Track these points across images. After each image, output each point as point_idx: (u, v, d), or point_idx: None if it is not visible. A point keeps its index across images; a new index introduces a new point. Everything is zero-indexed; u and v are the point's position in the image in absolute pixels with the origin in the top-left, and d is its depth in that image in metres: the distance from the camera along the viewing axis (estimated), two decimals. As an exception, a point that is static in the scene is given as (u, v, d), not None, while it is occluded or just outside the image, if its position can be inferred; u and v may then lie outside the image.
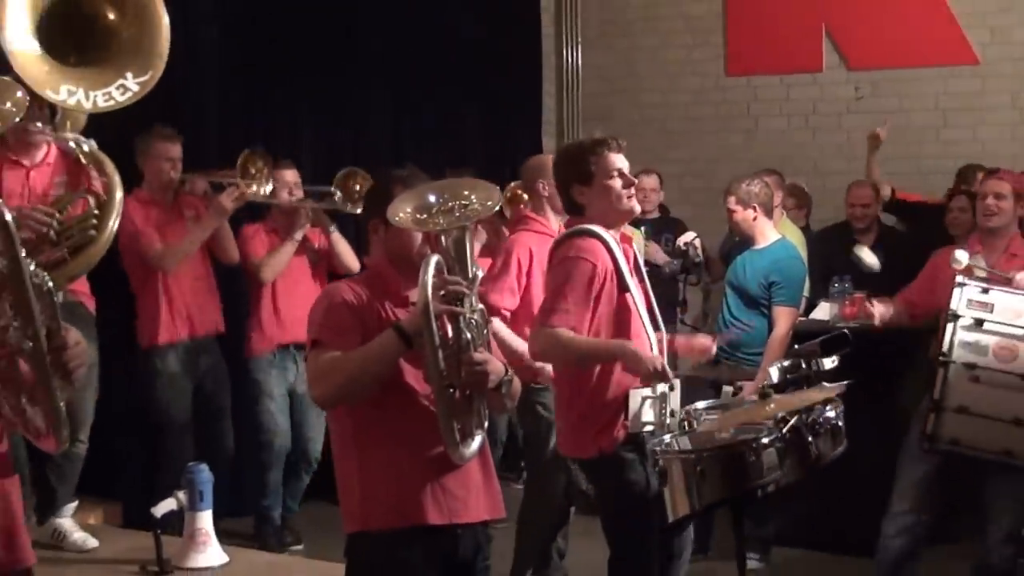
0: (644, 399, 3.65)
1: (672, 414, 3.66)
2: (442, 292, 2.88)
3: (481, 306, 3.00)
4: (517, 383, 3.08)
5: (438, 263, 2.88)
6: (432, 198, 2.99)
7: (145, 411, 5.67)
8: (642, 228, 6.46)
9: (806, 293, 5.73)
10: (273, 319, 5.84)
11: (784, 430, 3.33)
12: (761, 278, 5.23)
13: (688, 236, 5.66)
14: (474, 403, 2.99)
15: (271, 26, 6.75)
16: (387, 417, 3.02)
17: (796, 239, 5.92)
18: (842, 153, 7.44)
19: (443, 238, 2.97)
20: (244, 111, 6.69)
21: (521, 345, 4.10)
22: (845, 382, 3.56)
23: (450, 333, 2.91)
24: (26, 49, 4.26)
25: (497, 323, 4.10)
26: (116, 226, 4.42)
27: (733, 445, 3.43)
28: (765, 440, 3.31)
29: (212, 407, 5.72)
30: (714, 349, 4.31)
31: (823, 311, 5.72)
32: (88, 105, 4.24)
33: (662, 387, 3.64)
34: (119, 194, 4.40)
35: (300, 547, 5.95)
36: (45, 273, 2.44)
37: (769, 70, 8.28)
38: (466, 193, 3.07)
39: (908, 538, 4.40)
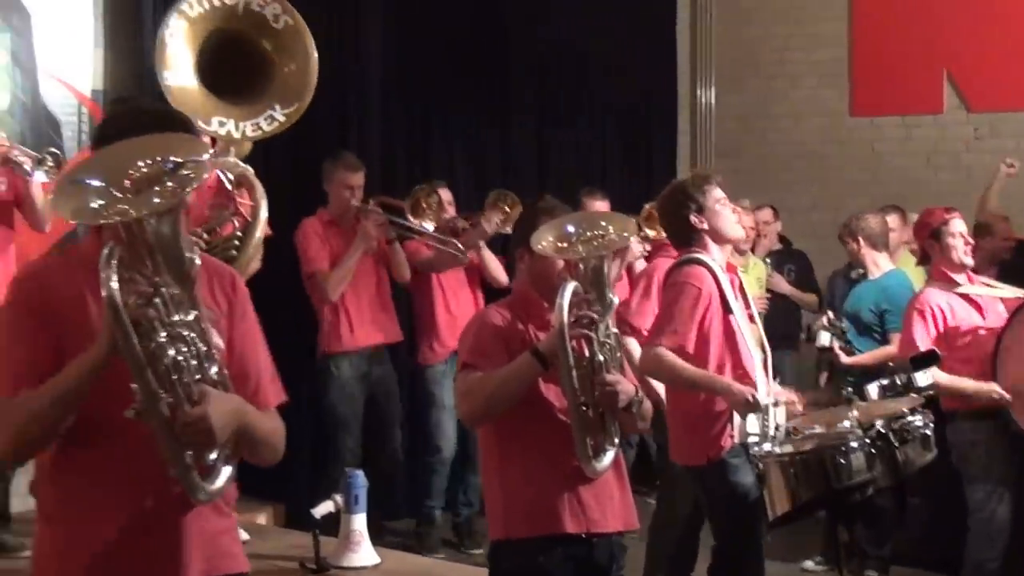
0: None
1: (776, 427, 3.78)
2: (577, 317, 3.02)
3: (615, 330, 3.16)
4: (648, 404, 3.19)
5: (575, 289, 3.02)
6: (572, 228, 3.12)
7: (318, 415, 5.95)
8: (766, 260, 6.76)
9: None
10: (448, 330, 6.07)
11: (871, 435, 3.58)
12: (872, 306, 5.56)
13: (823, 320, 5.70)
14: (606, 421, 3.11)
15: (429, 63, 7.21)
16: (527, 431, 3.17)
17: (915, 273, 6.05)
18: (961, 191, 7.52)
19: (582, 266, 3.08)
20: (405, 139, 7.15)
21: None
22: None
23: (584, 355, 3.04)
24: (184, 84, 4.58)
25: (634, 343, 4.29)
26: (257, 247, 4.56)
27: (822, 449, 3.63)
28: (853, 444, 3.55)
29: (382, 415, 5.97)
30: (799, 407, 4.32)
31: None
32: (237, 135, 4.49)
33: (766, 401, 3.78)
34: (263, 217, 4.54)
35: (480, 551, 5.90)
36: None
37: (891, 111, 8.46)
38: (603, 224, 3.20)
39: None
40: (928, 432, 3.67)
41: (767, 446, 3.68)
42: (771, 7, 9.04)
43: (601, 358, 3.04)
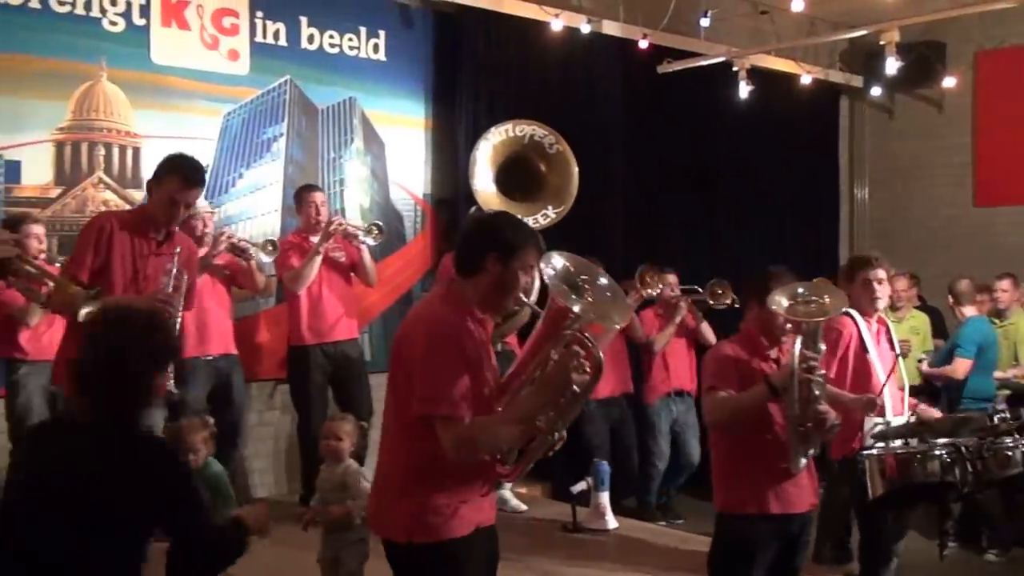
0: (876, 424, 4.19)
1: (890, 434, 4.11)
2: (803, 362, 3.40)
3: (823, 371, 3.51)
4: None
5: (803, 341, 3.43)
6: (801, 291, 3.52)
7: (576, 425, 6.83)
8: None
9: None
10: (663, 373, 6.95)
11: (954, 446, 3.96)
12: (952, 341, 6.81)
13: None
14: (813, 436, 3.55)
15: (654, 177, 8.24)
16: (752, 437, 3.61)
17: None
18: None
19: (803, 325, 3.46)
20: (639, 234, 8.10)
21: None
22: None
23: (805, 389, 3.42)
24: (487, 190, 5.74)
25: None
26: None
27: (905, 452, 4.01)
28: (935, 452, 3.93)
29: (623, 443, 6.85)
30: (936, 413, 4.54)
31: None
32: None
33: (892, 417, 4.14)
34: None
35: (681, 521, 6.79)
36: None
37: (1006, 202, 9.28)
38: (825, 295, 3.56)
39: None
40: (1009, 452, 4.00)
41: (876, 449, 4.06)
42: (912, 126, 9.97)
43: (817, 392, 3.43)
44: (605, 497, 5.80)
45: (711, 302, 7.00)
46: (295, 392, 6.26)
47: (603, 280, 2.88)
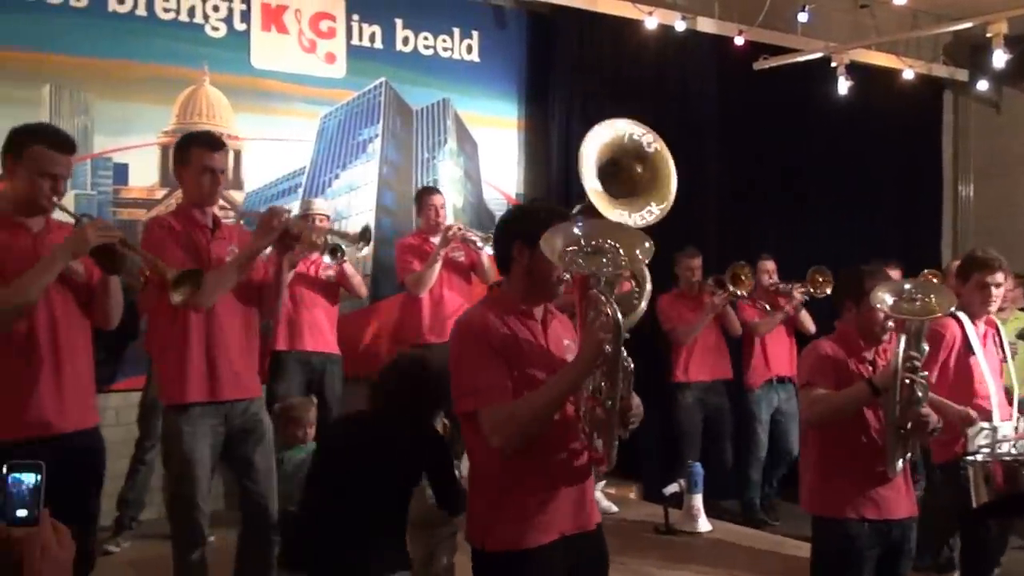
0: (981, 429, 4.13)
1: (1001, 445, 4.03)
2: (907, 362, 3.30)
3: (926, 372, 3.39)
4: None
5: (906, 340, 3.33)
6: (907, 288, 3.43)
7: (668, 427, 6.73)
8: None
9: None
10: (763, 360, 7.00)
11: None
12: None
13: None
14: (911, 440, 3.44)
15: (749, 171, 8.22)
16: (847, 438, 3.52)
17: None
18: None
19: (907, 324, 3.35)
20: (733, 228, 8.09)
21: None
22: None
23: (907, 391, 3.32)
24: (594, 187, 5.19)
25: None
26: (646, 302, 5.17)
27: (1012, 459, 3.95)
28: None
29: (716, 429, 6.88)
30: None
31: None
32: (631, 222, 4.70)
33: (997, 423, 4.07)
34: (647, 279, 5.28)
35: (778, 523, 6.69)
36: (629, 358, 2.56)
37: None
38: (931, 294, 3.44)
39: None
40: None
41: (978, 456, 3.98)
42: (1020, 120, 9.79)
43: (920, 394, 3.34)
44: (698, 499, 5.84)
45: (813, 290, 6.96)
46: None
47: (610, 228, 2.83)
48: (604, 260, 2.56)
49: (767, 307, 7.03)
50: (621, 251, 2.58)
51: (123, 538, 5.49)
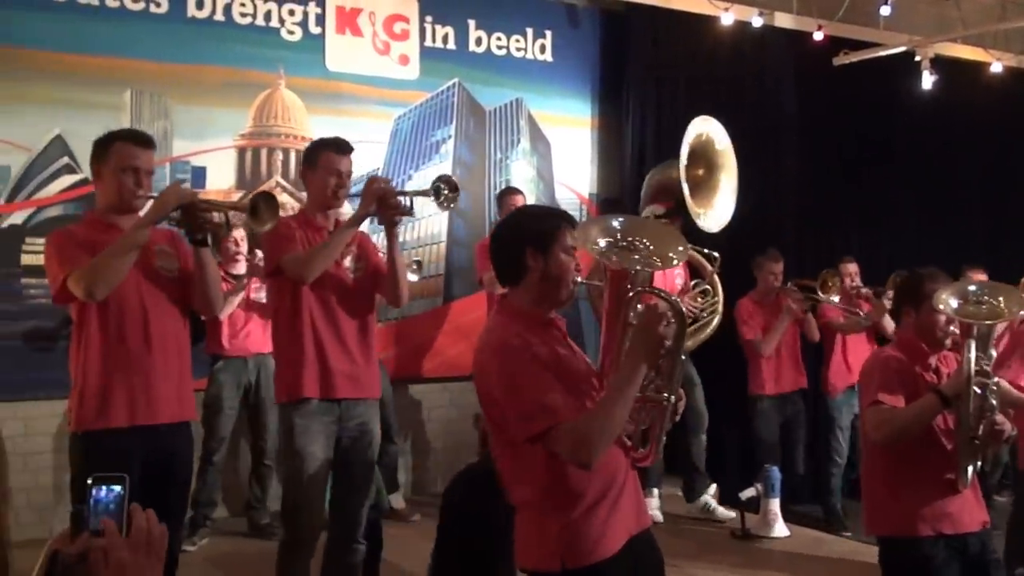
0: None
1: None
2: (978, 368, 3.21)
3: (997, 378, 3.34)
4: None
5: (977, 346, 3.22)
6: (972, 290, 3.38)
7: (748, 438, 6.62)
8: None
9: None
10: (843, 367, 6.73)
11: None
12: None
13: None
14: (985, 449, 3.35)
15: (828, 173, 8.07)
16: (916, 451, 3.38)
17: None
18: None
19: (975, 327, 3.24)
20: (813, 231, 7.97)
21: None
22: None
23: (979, 399, 3.24)
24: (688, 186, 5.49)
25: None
26: (720, 310, 5.45)
27: None
28: None
29: (792, 435, 6.70)
30: None
31: None
32: (709, 222, 5.51)
33: None
34: (720, 288, 5.54)
35: (849, 533, 6.33)
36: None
37: None
38: (999, 296, 3.35)
39: None
40: None
41: None
42: None
43: (992, 401, 3.26)
44: (776, 504, 5.78)
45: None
46: None
47: (646, 227, 2.73)
48: (636, 258, 2.52)
49: (850, 311, 6.84)
50: (654, 250, 2.54)
51: (199, 536, 5.61)
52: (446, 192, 4.07)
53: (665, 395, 2.55)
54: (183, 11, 6.16)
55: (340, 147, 4.01)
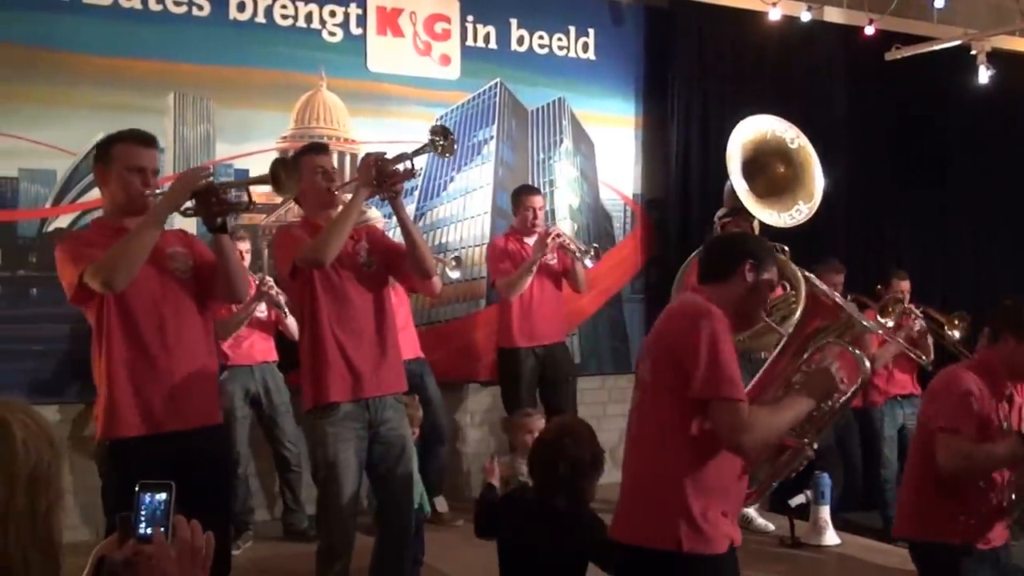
0: None
1: None
2: None
3: None
4: None
5: None
6: None
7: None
8: None
9: None
10: (884, 377, 6.63)
11: None
12: None
13: None
14: None
15: (880, 179, 8.01)
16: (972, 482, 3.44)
17: None
18: None
19: None
20: (863, 239, 7.97)
21: None
22: None
23: None
24: (744, 187, 5.53)
25: None
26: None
27: None
28: None
29: (844, 443, 6.61)
30: None
31: None
32: (780, 222, 5.44)
33: None
34: (802, 281, 5.03)
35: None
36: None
37: None
38: None
39: None
40: None
41: None
42: None
43: None
44: (826, 511, 5.68)
45: (944, 331, 6.61)
46: (506, 393, 6.32)
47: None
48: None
49: (914, 353, 6.49)
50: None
51: (243, 540, 5.59)
52: (441, 142, 4.01)
53: (806, 440, 2.78)
54: (225, 14, 6.17)
55: (316, 147, 4.03)
